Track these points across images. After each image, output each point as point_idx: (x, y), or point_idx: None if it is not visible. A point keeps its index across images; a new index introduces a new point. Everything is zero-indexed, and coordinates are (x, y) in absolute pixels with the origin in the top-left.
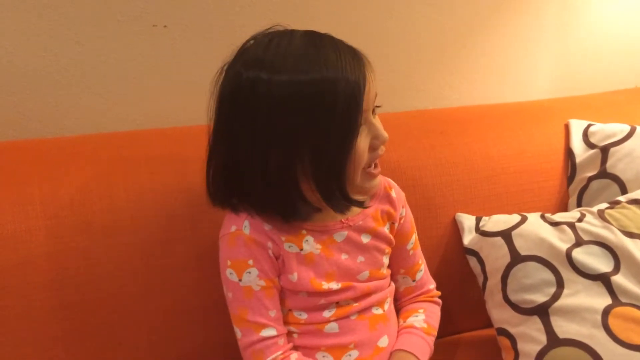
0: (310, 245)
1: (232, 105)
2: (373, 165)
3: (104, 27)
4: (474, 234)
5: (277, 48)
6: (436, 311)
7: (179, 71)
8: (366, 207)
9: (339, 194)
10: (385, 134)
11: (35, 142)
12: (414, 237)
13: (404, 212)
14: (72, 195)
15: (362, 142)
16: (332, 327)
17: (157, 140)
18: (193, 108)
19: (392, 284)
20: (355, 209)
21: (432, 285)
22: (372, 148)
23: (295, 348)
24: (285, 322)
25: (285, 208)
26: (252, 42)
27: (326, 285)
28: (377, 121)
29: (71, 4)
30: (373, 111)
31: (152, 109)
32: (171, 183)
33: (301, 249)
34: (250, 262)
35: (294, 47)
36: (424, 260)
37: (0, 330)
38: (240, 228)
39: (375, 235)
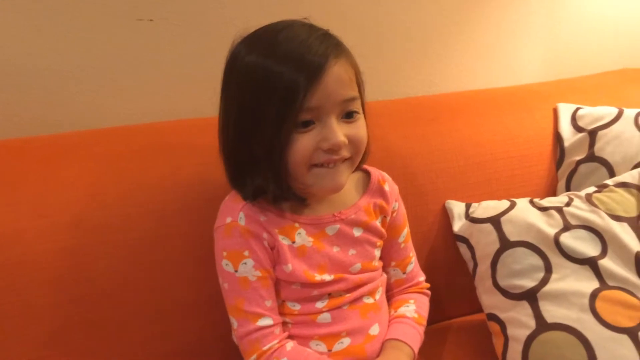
0: (303, 238)
1: (225, 70)
2: (328, 165)
3: (89, 22)
4: (463, 220)
5: (266, 31)
6: (426, 302)
7: (166, 65)
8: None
9: (273, 182)
10: (334, 140)
11: (23, 140)
12: (406, 231)
13: (397, 206)
14: (62, 194)
15: (306, 138)
16: (325, 317)
17: (146, 135)
18: (182, 102)
19: (384, 275)
20: (347, 202)
21: (422, 277)
22: (319, 148)
23: (290, 337)
24: (280, 313)
25: (257, 189)
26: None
27: (319, 277)
28: (336, 124)
29: (54, 1)
30: (345, 113)
31: (141, 103)
32: (162, 178)
33: (293, 242)
34: (246, 252)
35: (276, 34)
36: (415, 253)
37: None
38: (235, 219)
39: (367, 228)
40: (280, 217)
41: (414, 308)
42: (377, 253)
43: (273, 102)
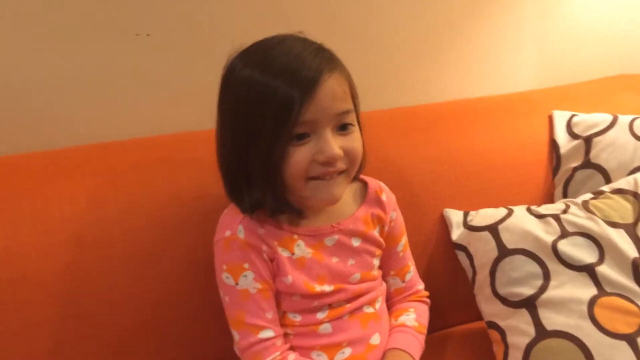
0: (302, 249)
1: (221, 84)
2: (326, 177)
3: (85, 38)
4: (462, 229)
5: (261, 46)
6: (425, 310)
7: (163, 79)
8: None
9: (270, 195)
10: (329, 153)
11: (23, 157)
12: (404, 240)
13: (395, 216)
14: (63, 209)
15: (302, 151)
16: (326, 327)
17: (144, 149)
18: (179, 115)
19: (383, 284)
20: (345, 213)
21: (421, 285)
22: (315, 161)
23: (291, 348)
24: (281, 324)
25: (255, 202)
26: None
27: (319, 287)
28: (331, 136)
29: (52, 16)
30: (339, 126)
31: (138, 117)
32: (161, 192)
33: (293, 253)
34: (246, 265)
35: (271, 48)
36: (413, 262)
37: None
38: (234, 232)
39: (366, 238)
40: (279, 229)
41: (414, 317)
42: (376, 262)
43: (268, 117)
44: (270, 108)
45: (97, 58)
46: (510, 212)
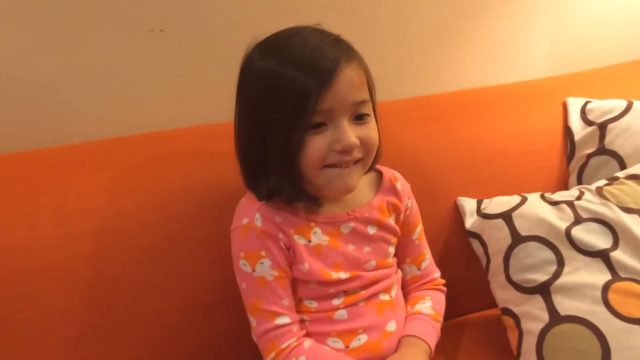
0: (318, 237)
1: (239, 76)
2: (342, 165)
3: (100, 34)
4: (475, 217)
5: (279, 38)
6: (442, 298)
7: (177, 74)
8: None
9: (287, 183)
10: (347, 141)
11: (40, 152)
12: (419, 228)
13: (410, 204)
14: (80, 203)
15: (318, 140)
16: (342, 314)
17: (159, 143)
18: (192, 109)
19: (399, 272)
20: (361, 201)
21: (437, 273)
22: (332, 149)
23: (307, 334)
24: (297, 311)
25: (271, 190)
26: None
27: (335, 275)
28: (348, 125)
29: (67, 12)
30: (356, 115)
31: (152, 112)
32: (176, 184)
33: (309, 241)
34: (263, 253)
35: (288, 40)
36: (429, 250)
37: (15, 336)
38: (252, 220)
39: (381, 226)
40: (296, 216)
41: (430, 305)
42: (392, 250)
43: (286, 106)
44: (288, 98)
45: (111, 54)
46: (524, 200)
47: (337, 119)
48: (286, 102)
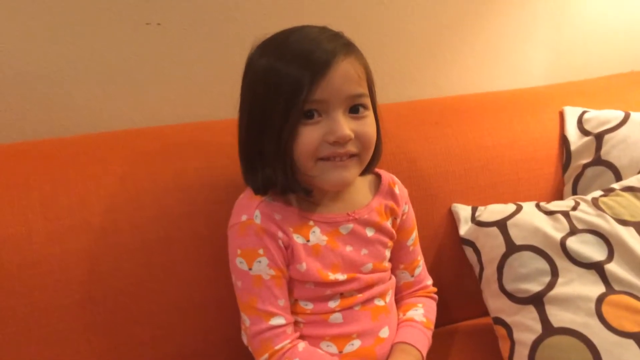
0: (317, 236)
1: (243, 75)
2: (336, 159)
3: (97, 27)
4: (469, 224)
5: (279, 35)
6: (433, 306)
7: (174, 69)
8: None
9: (281, 173)
10: (340, 132)
11: (32, 144)
12: (415, 234)
13: (407, 209)
14: (72, 197)
15: (312, 130)
16: (337, 317)
17: (154, 138)
18: (189, 105)
19: (393, 278)
20: (360, 202)
21: (430, 281)
22: (325, 141)
23: (301, 337)
24: (292, 312)
25: (266, 179)
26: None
27: (332, 276)
28: (342, 118)
29: (64, 4)
30: (351, 108)
31: (148, 107)
32: (170, 181)
33: (308, 240)
34: (261, 251)
35: (287, 36)
36: (422, 257)
37: (4, 331)
38: (251, 217)
39: (379, 229)
40: (295, 215)
41: (423, 312)
42: (388, 254)
43: (280, 97)
44: (282, 90)
45: (106, 47)
46: (519, 208)
47: (331, 110)
48: (281, 92)
